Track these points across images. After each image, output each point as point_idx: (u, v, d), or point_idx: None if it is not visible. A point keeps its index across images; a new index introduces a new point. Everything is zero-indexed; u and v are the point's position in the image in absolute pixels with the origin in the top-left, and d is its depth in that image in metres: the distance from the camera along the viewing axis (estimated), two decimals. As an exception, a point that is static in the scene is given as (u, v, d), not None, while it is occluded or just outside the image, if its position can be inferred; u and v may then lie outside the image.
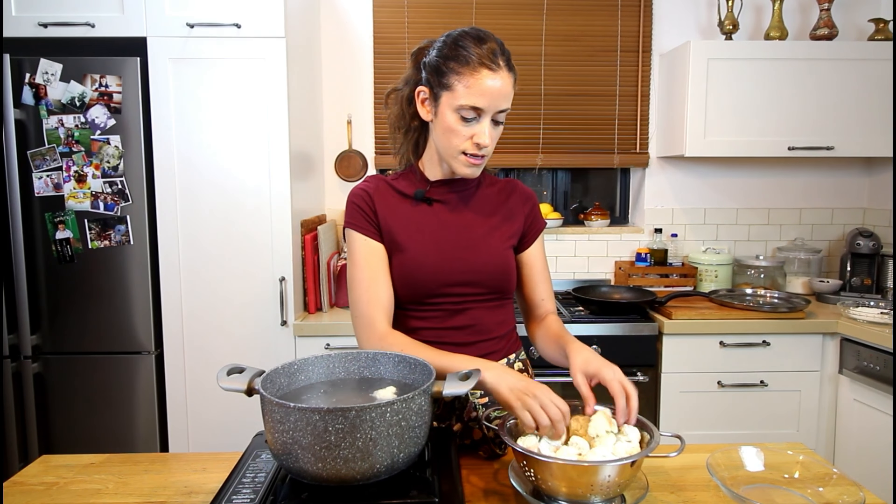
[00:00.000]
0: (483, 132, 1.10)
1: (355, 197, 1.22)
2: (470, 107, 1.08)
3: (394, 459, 0.85)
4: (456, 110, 1.09)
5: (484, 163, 1.16)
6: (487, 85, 1.07)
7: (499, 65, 1.08)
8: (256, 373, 0.96)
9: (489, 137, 1.10)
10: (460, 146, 1.12)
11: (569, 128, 2.80)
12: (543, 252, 1.32)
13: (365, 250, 1.19)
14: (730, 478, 1.00)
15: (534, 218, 1.29)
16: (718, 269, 2.70)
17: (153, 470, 1.13)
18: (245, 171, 2.18)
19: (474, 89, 1.07)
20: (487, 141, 1.10)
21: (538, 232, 1.30)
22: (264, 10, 2.11)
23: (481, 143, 1.10)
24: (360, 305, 1.17)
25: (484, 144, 1.10)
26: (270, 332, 2.24)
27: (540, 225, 1.31)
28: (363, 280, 1.17)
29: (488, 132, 1.10)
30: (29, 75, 2.08)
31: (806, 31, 2.69)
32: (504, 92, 1.08)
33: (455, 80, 1.08)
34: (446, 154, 1.15)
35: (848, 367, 2.22)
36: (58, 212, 2.13)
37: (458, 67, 1.08)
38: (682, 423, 2.30)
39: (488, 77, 1.07)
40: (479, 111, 1.09)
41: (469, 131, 1.11)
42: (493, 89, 1.07)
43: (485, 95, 1.07)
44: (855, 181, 2.86)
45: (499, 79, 1.07)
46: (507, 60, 1.10)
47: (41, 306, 2.17)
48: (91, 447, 2.21)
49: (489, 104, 1.08)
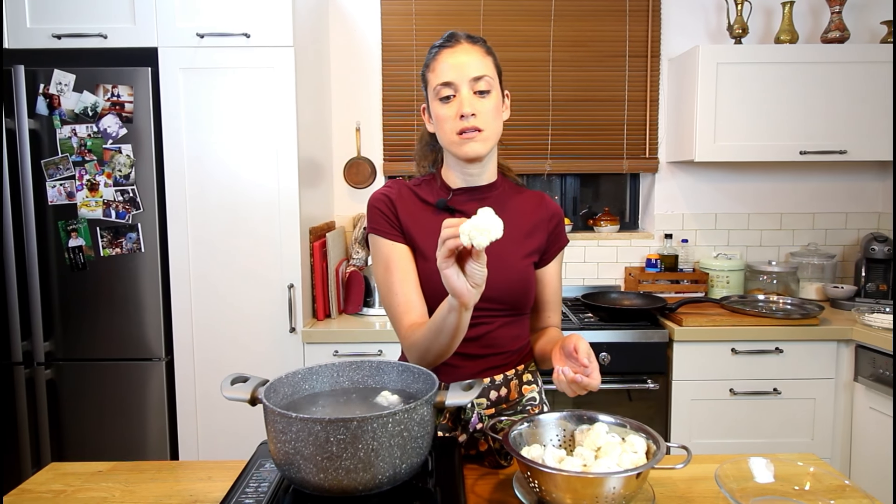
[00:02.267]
0: (462, 102, 1.12)
1: (377, 202, 1.20)
2: (441, 84, 1.13)
3: (396, 470, 0.84)
4: (435, 97, 1.15)
5: (483, 137, 1.13)
6: (449, 60, 1.13)
7: (457, 40, 1.14)
8: (260, 382, 0.96)
9: (471, 107, 1.11)
10: (451, 128, 1.13)
11: (577, 133, 2.79)
12: (560, 271, 1.30)
13: (392, 255, 1.17)
14: (739, 489, 0.99)
15: (557, 235, 1.27)
16: (730, 274, 2.67)
17: (159, 478, 1.14)
18: (254, 179, 2.20)
19: (438, 70, 1.14)
20: (469, 109, 1.11)
21: (559, 249, 1.28)
22: (273, 20, 2.13)
23: (465, 112, 1.11)
24: (394, 309, 1.16)
25: (467, 113, 1.11)
26: (279, 339, 2.24)
27: (562, 243, 1.28)
28: (394, 284, 1.16)
29: (469, 101, 1.12)
30: (43, 86, 2.11)
31: (817, 35, 2.66)
32: (468, 61, 1.12)
33: (428, 74, 1.17)
34: (446, 144, 1.17)
35: (863, 375, 2.18)
36: (70, 220, 2.16)
37: (428, 62, 1.18)
38: (693, 431, 2.27)
39: (448, 54, 1.14)
40: (452, 86, 1.12)
41: (452, 110, 1.13)
42: (455, 62, 1.12)
43: (450, 69, 1.12)
44: (869, 185, 2.82)
45: (459, 51, 1.13)
46: (469, 37, 1.15)
47: (54, 313, 2.20)
48: (102, 453, 2.23)
49: (457, 75, 1.12)
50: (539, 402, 1.26)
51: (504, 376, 1.22)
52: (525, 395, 1.24)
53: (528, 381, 1.26)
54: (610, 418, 1.04)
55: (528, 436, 1.03)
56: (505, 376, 1.22)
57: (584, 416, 1.05)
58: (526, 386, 1.25)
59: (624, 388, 2.24)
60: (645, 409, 2.26)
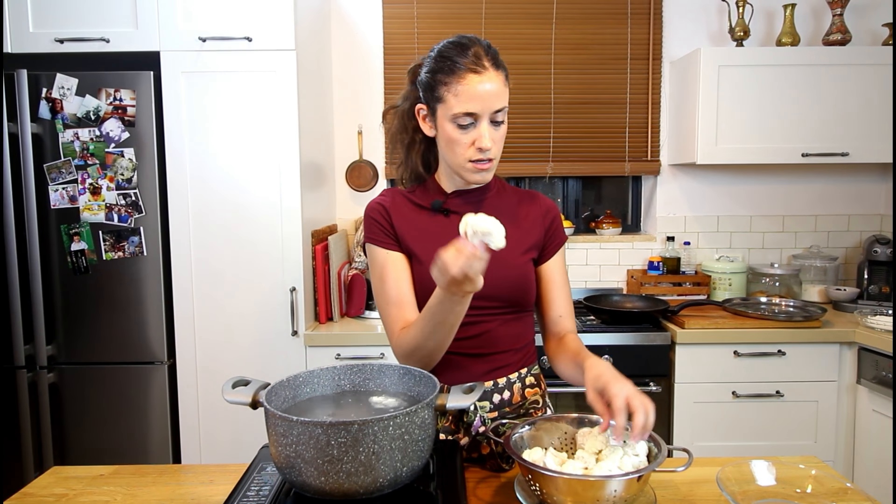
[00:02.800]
0: (483, 136, 1.09)
1: (372, 211, 1.22)
2: (464, 113, 1.08)
3: (397, 473, 0.84)
4: (452, 120, 1.10)
5: (493, 166, 1.14)
6: (476, 89, 1.07)
7: (484, 66, 1.07)
8: (261, 385, 0.96)
9: (490, 140, 1.09)
10: (464, 154, 1.11)
11: (579, 136, 2.79)
12: (563, 267, 1.28)
13: (387, 262, 1.18)
14: (740, 492, 0.98)
15: (554, 231, 1.26)
16: (732, 277, 2.67)
17: (161, 482, 1.14)
18: (256, 182, 2.20)
19: (464, 96, 1.07)
20: (489, 144, 1.09)
21: (559, 245, 1.26)
22: (275, 24, 2.13)
23: (483, 146, 1.09)
24: (387, 314, 1.17)
25: (486, 148, 1.09)
26: (281, 342, 2.24)
27: (560, 238, 1.27)
28: (389, 289, 1.17)
29: (488, 135, 1.09)
30: (45, 90, 2.12)
31: (818, 37, 2.66)
32: (494, 92, 1.07)
33: (445, 92, 1.09)
34: (454, 165, 1.15)
35: (866, 377, 2.17)
36: (73, 224, 2.16)
37: (445, 78, 1.09)
38: (695, 434, 2.26)
39: (475, 81, 1.07)
40: (475, 116, 1.08)
41: (469, 138, 1.10)
42: (482, 92, 1.07)
43: (475, 99, 1.07)
44: (871, 187, 2.82)
45: (486, 80, 1.07)
46: (493, 60, 1.09)
47: (56, 317, 2.20)
48: (105, 457, 2.23)
49: (482, 107, 1.08)
50: (542, 405, 1.26)
51: (507, 379, 1.22)
52: (528, 398, 1.24)
53: (532, 384, 1.26)
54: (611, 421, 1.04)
55: (530, 439, 1.03)
56: (508, 379, 1.22)
57: (586, 420, 1.05)
58: (529, 389, 1.24)
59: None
60: (647, 412, 2.25)
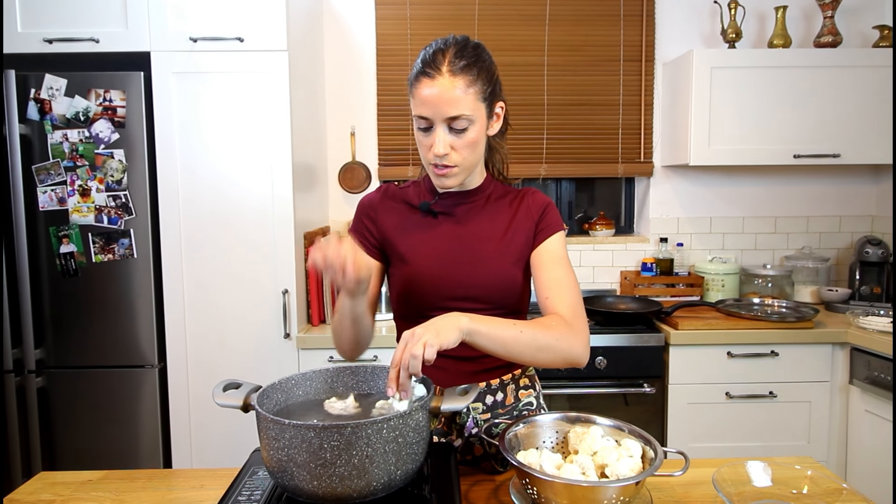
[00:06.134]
0: (435, 142, 1.07)
1: (360, 208, 1.24)
2: (417, 116, 1.07)
3: (391, 477, 0.83)
4: (415, 122, 1.10)
5: (456, 172, 1.11)
6: (424, 94, 1.04)
7: (438, 70, 1.03)
8: (253, 388, 0.95)
9: (445, 146, 1.07)
10: (426, 157, 1.11)
11: (572, 137, 2.79)
12: (558, 251, 1.18)
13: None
14: (736, 493, 0.98)
15: (543, 218, 1.20)
16: (725, 278, 2.67)
17: (151, 487, 1.12)
18: (248, 184, 2.18)
19: (417, 99, 1.06)
20: (440, 150, 1.06)
21: (549, 231, 1.19)
22: (267, 24, 2.12)
23: (436, 152, 1.07)
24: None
25: (438, 154, 1.07)
26: (273, 344, 2.23)
27: (550, 224, 1.19)
28: None
29: (441, 141, 1.06)
30: (34, 90, 2.09)
31: (810, 39, 2.67)
32: (445, 98, 1.03)
33: (410, 93, 1.09)
34: (425, 166, 1.15)
35: (858, 378, 2.18)
36: (62, 226, 2.14)
37: (411, 79, 1.09)
38: (689, 435, 2.26)
39: (425, 85, 1.04)
40: (427, 121, 1.07)
41: (428, 142, 1.09)
42: (430, 97, 1.04)
43: (425, 104, 1.05)
44: (862, 189, 2.84)
45: (435, 86, 1.03)
46: (455, 65, 1.04)
47: (45, 320, 2.17)
48: (95, 461, 2.20)
49: (432, 112, 1.05)
50: (536, 406, 1.25)
51: (500, 381, 1.21)
52: (522, 399, 1.23)
53: (526, 385, 1.25)
54: (606, 421, 1.04)
55: (524, 437, 1.03)
56: (501, 381, 1.21)
57: (581, 419, 1.05)
58: (523, 391, 1.24)
59: (620, 392, 2.23)
60: (641, 413, 2.26)
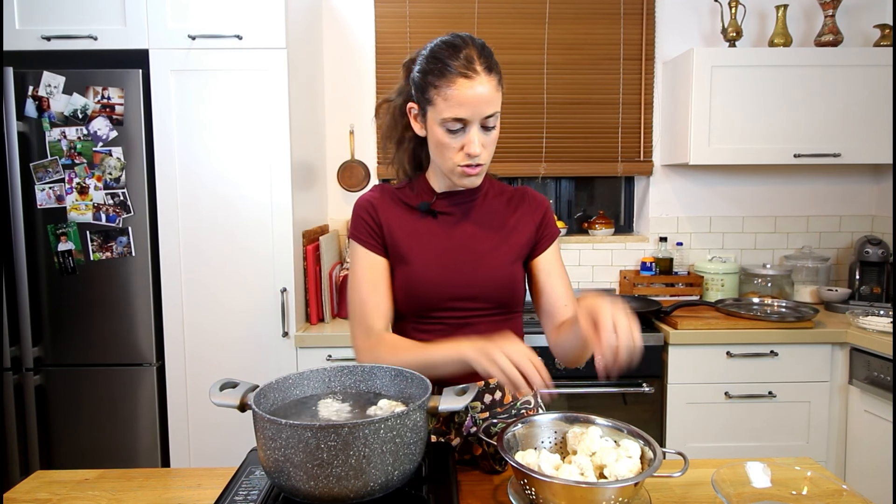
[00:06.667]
0: (472, 142, 1.07)
1: (360, 209, 1.21)
2: (453, 119, 1.05)
3: (388, 477, 0.83)
4: (441, 124, 1.07)
5: (483, 170, 1.13)
6: (466, 94, 1.03)
7: (475, 71, 1.04)
8: (250, 388, 0.94)
9: (479, 145, 1.07)
10: (454, 159, 1.10)
11: (572, 136, 2.78)
12: (560, 258, 1.26)
13: (366, 264, 1.18)
14: (735, 494, 0.97)
15: (545, 225, 1.24)
16: (725, 277, 2.67)
17: (148, 486, 1.11)
18: (246, 182, 2.18)
19: (453, 101, 1.04)
20: (478, 150, 1.07)
21: (552, 238, 1.25)
22: (266, 22, 2.11)
23: (472, 152, 1.07)
24: (358, 315, 1.17)
25: (475, 154, 1.07)
26: (272, 343, 2.22)
27: (552, 231, 1.25)
28: (363, 292, 1.17)
29: (478, 140, 1.07)
30: (32, 88, 2.09)
31: (810, 38, 2.67)
32: (485, 98, 1.04)
33: (435, 95, 1.06)
34: (444, 168, 1.14)
35: (858, 378, 2.17)
36: (60, 224, 2.13)
37: (435, 81, 1.06)
38: (688, 434, 2.26)
39: (465, 86, 1.03)
40: (464, 122, 1.06)
41: (458, 143, 1.08)
42: (472, 97, 1.04)
43: (465, 105, 1.04)
44: (863, 188, 2.83)
45: (477, 85, 1.04)
46: (486, 63, 1.05)
47: (43, 318, 2.17)
48: (92, 460, 2.20)
49: (472, 113, 1.05)
50: (534, 405, 1.25)
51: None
52: (520, 398, 1.22)
53: (524, 385, 1.25)
54: (604, 421, 1.03)
55: (522, 437, 1.03)
56: (499, 380, 1.21)
57: (579, 419, 1.04)
58: (521, 390, 1.23)
59: (619, 391, 2.23)
60: (640, 413, 2.25)
